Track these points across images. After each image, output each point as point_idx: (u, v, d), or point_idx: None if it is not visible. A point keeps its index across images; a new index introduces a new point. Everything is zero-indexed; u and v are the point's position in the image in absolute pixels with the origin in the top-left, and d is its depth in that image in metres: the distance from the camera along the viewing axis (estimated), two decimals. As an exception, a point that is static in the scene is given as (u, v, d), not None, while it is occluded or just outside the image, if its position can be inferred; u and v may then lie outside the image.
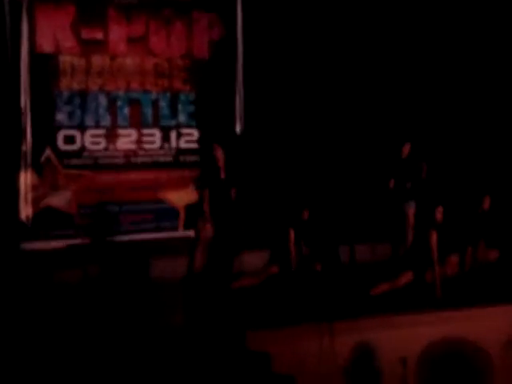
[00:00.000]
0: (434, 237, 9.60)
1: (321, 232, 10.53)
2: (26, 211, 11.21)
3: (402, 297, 9.33)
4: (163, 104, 11.97)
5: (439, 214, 9.88)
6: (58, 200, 11.41)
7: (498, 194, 11.30)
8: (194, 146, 12.11)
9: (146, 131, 11.89)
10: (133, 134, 11.83)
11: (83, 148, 11.54)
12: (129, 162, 11.79)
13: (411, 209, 11.15)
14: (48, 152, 11.33)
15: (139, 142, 11.86)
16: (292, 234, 10.11)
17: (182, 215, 11.73)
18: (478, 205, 10.74)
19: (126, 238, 11.58)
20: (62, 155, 11.41)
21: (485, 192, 10.87)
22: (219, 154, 10.26)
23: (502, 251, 10.69)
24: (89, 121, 11.55)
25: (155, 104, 11.91)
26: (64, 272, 10.27)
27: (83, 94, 11.49)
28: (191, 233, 10.86)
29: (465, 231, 10.50)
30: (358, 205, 12.15)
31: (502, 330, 8.92)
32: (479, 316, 8.90)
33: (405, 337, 8.38)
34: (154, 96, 11.90)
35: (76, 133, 11.50)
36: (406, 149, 11.26)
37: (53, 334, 8.09)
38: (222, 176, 10.26)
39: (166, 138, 11.99)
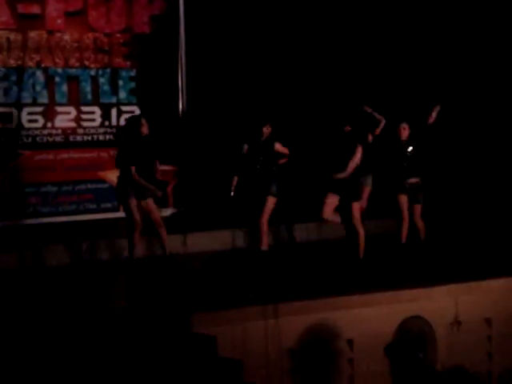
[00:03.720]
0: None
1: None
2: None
3: (349, 278, 9.27)
4: (103, 80, 11.66)
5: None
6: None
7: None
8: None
9: (85, 109, 11.59)
10: (71, 111, 11.51)
11: (20, 126, 11.18)
12: (68, 141, 11.47)
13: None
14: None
15: (78, 119, 11.54)
16: None
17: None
18: None
19: (65, 219, 11.33)
20: (-2, 133, 11.05)
21: None
22: (144, 128, 9.87)
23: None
24: (26, 98, 11.20)
25: (94, 80, 11.61)
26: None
27: (20, 71, 11.13)
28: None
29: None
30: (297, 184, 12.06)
31: (447, 310, 8.89)
32: (425, 296, 8.86)
33: (353, 317, 8.31)
34: (93, 72, 11.59)
35: (13, 110, 11.14)
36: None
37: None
38: (146, 150, 9.76)
39: (106, 116, 11.69)
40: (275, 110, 11.77)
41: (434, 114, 10.15)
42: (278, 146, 10.15)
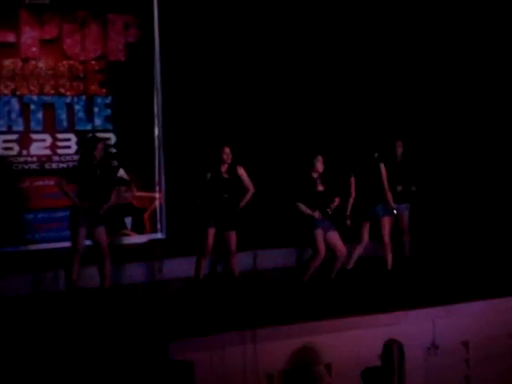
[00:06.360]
0: None
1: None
2: None
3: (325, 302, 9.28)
4: (78, 108, 11.65)
5: None
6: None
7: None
8: (111, 150, 11.80)
9: (60, 136, 11.56)
10: (47, 138, 11.48)
11: (-5, 154, 11.14)
12: (43, 168, 11.43)
13: None
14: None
15: (54, 147, 11.51)
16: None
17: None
18: None
19: (41, 246, 11.26)
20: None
21: None
22: (97, 153, 9.64)
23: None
24: (1, 126, 11.15)
25: (70, 108, 11.59)
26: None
27: (-5, 99, 11.11)
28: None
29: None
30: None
31: (425, 334, 8.90)
32: (403, 319, 8.87)
33: (331, 342, 8.32)
34: (68, 99, 11.58)
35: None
36: None
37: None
38: (98, 173, 9.61)
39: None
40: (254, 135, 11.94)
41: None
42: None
